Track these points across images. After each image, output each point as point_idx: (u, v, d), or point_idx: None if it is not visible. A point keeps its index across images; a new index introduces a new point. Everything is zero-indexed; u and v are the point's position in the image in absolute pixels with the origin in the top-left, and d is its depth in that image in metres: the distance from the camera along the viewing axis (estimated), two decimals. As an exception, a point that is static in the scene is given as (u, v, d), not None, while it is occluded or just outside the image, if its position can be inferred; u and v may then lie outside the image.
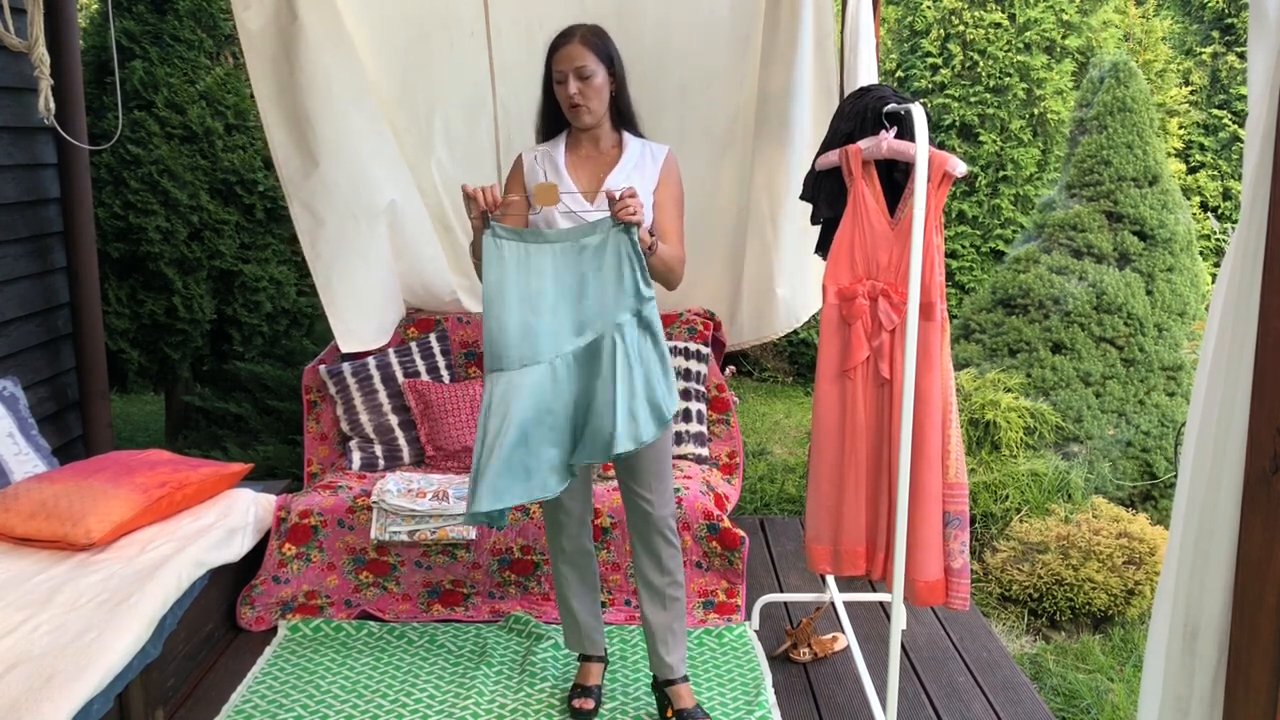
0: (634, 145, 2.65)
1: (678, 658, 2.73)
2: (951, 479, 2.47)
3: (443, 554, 3.34)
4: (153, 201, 4.92)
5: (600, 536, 3.31)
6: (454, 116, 3.96)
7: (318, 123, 3.58)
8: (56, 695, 2.10)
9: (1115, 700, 3.29)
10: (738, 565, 3.32)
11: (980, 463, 4.40)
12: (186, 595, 2.75)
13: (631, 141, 2.65)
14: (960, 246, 7.26)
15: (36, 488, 2.88)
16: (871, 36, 3.37)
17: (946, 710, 2.85)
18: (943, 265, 2.42)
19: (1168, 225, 4.90)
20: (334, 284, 3.74)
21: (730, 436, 3.96)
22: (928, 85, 7.24)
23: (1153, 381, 4.71)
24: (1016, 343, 4.85)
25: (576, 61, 2.50)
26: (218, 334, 5.35)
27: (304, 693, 2.91)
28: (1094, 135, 5.03)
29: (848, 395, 2.62)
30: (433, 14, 3.79)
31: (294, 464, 4.73)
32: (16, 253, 3.69)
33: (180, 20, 5.07)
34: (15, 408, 3.32)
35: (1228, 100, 7.85)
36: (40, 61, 3.27)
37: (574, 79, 2.51)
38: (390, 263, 3.90)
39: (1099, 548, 3.82)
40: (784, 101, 3.75)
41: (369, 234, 3.76)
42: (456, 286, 4.11)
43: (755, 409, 6.62)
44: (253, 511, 3.25)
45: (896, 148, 2.46)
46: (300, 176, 3.64)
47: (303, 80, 3.53)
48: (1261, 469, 1.36)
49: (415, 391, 3.78)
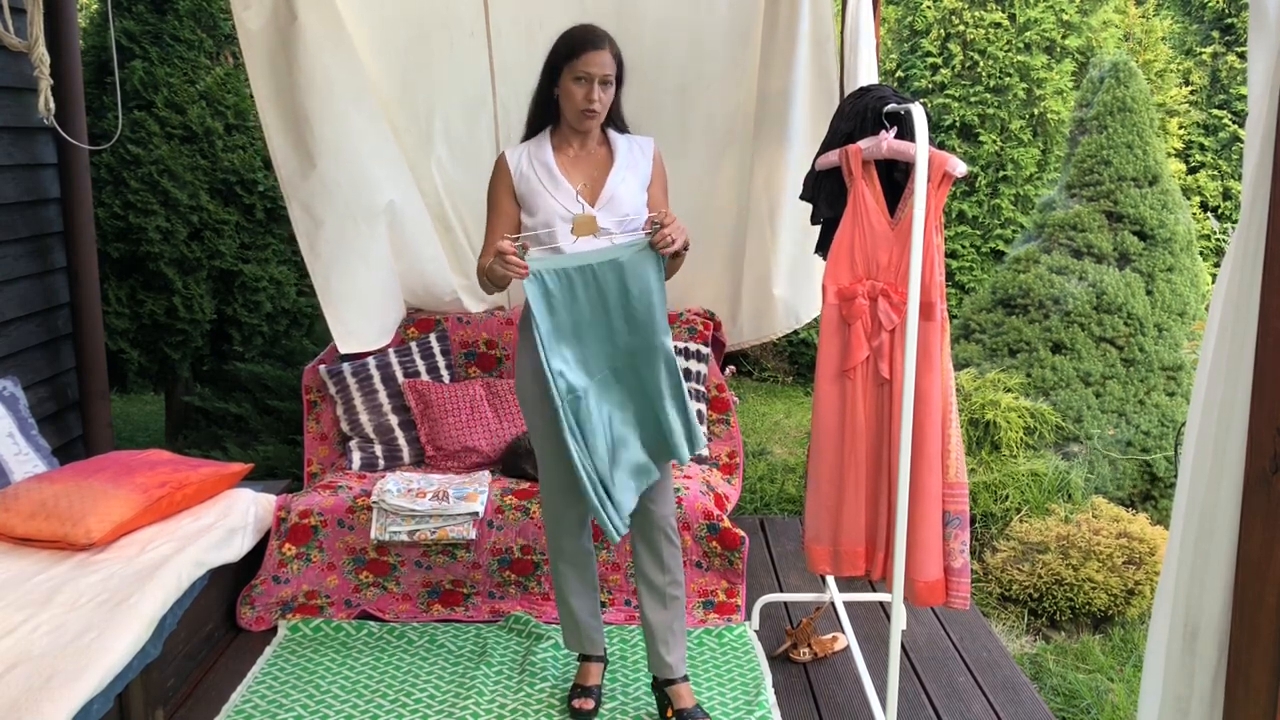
0: (621, 142, 2.63)
1: (678, 657, 2.73)
2: (952, 479, 2.47)
3: (443, 554, 3.34)
4: (153, 201, 4.92)
5: (600, 536, 3.31)
6: (454, 116, 3.96)
7: (316, 123, 3.56)
8: (56, 695, 2.10)
9: (1115, 700, 3.29)
10: (738, 565, 3.32)
11: (980, 463, 4.40)
12: (186, 595, 2.75)
13: (618, 139, 2.64)
14: (960, 246, 7.26)
15: (36, 488, 2.88)
16: (871, 36, 3.37)
17: (946, 710, 2.85)
18: (943, 265, 2.42)
19: (1168, 225, 4.90)
20: (333, 285, 3.72)
21: (730, 436, 3.96)
22: (928, 85, 7.24)
23: (1153, 381, 4.71)
24: (1016, 343, 4.85)
25: (606, 69, 2.49)
26: (218, 334, 5.35)
27: (304, 693, 2.91)
28: (1094, 135, 5.03)
29: (848, 395, 2.62)
30: (433, 14, 3.79)
31: (294, 464, 4.73)
32: (16, 253, 3.69)
33: (180, 20, 5.07)
34: (15, 408, 3.32)
35: (1228, 100, 7.85)
36: (40, 61, 3.27)
37: (599, 85, 2.50)
38: (390, 263, 3.89)
39: (1099, 548, 3.82)
40: (783, 101, 3.74)
41: (368, 235, 3.75)
42: (457, 287, 4.11)
43: (755, 409, 6.62)
44: (253, 511, 3.25)
45: (896, 148, 2.46)
46: (299, 177, 3.62)
47: (301, 81, 3.52)
48: (1261, 469, 1.36)
49: (415, 391, 3.78)
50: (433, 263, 4.03)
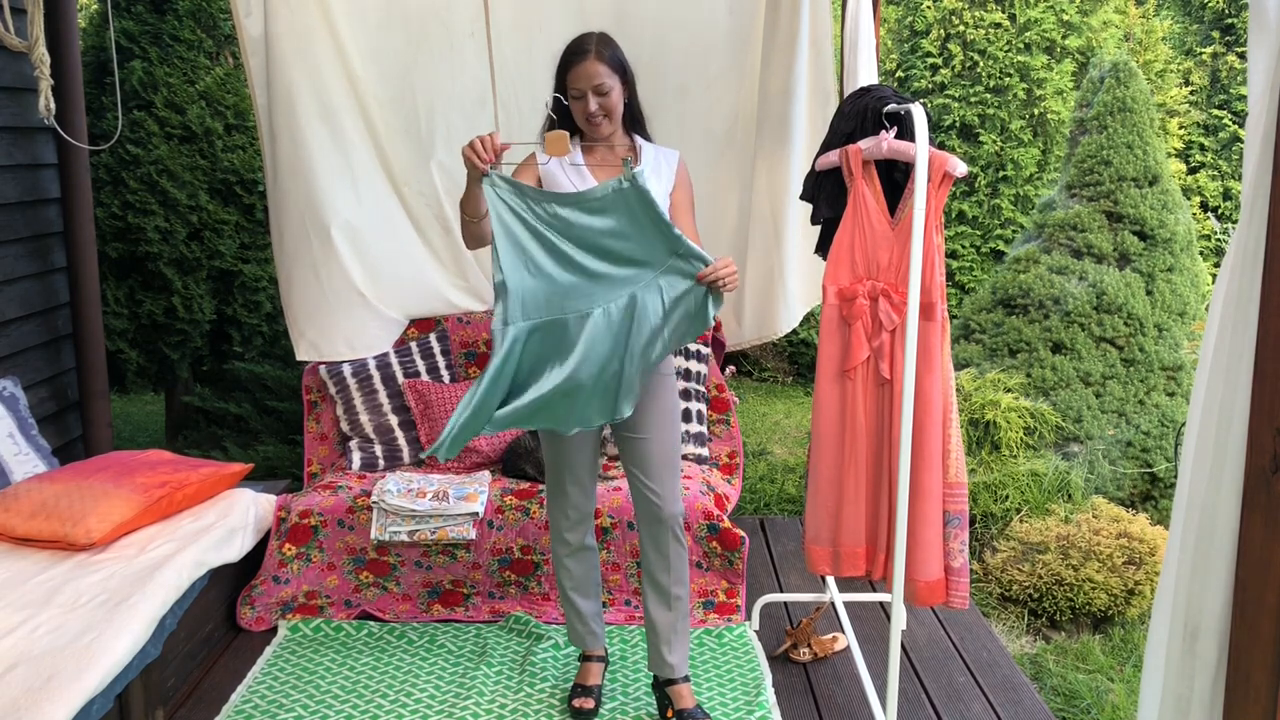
0: (648, 150, 2.66)
1: (679, 658, 2.73)
2: (952, 479, 2.47)
3: (443, 554, 3.34)
4: (152, 202, 4.92)
5: (600, 536, 3.31)
6: (454, 117, 3.96)
7: (281, 136, 3.69)
8: (56, 695, 2.10)
9: (1115, 700, 3.29)
10: (738, 565, 3.32)
11: (980, 463, 4.40)
12: (186, 595, 2.75)
13: (645, 146, 2.66)
14: (960, 246, 7.26)
15: (37, 488, 2.88)
16: (871, 36, 3.37)
17: (946, 710, 2.85)
18: (943, 265, 2.42)
19: (1168, 225, 4.90)
20: (292, 296, 3.87)
21: (730, 436, 3.96)
22: (928, 85, 7.24)
23: (1153, 381, 4.71)
24: (1016, 343, 4.85)
25: (594, 80, 2.49)
26: (217, 334, 5.35)
27: (304, 693, 2.91)
28: (1094, 135, 5.04)
29: (848, 395, 2.62)
30: (432, 15, 3.79)
31: (294, 464, 4.73)
32: (16, 253, 3.69)
33: (180, 20, 5.07)
34: (15, 408, 3.32)
35: (1228, 100, 7.85)
36: (40, 61, 3.27)
37: (593, 96, 2.50)
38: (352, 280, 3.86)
39: (1099, 548, 3.82)
40: (784, 101, 3.75)
41: (321, 250, 3.80)
42: (460, 289, 4.10)
43: (755, 409, 6.62)
44: (253, 511, 3.24)
45: (896, 148, 2.46)
46: (270, 187, 3.81)
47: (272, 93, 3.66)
48: (1261, 469, 1.36)
49: (415, 391, 3.78)
50: (435, 272, 4.04)
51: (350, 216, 3.84)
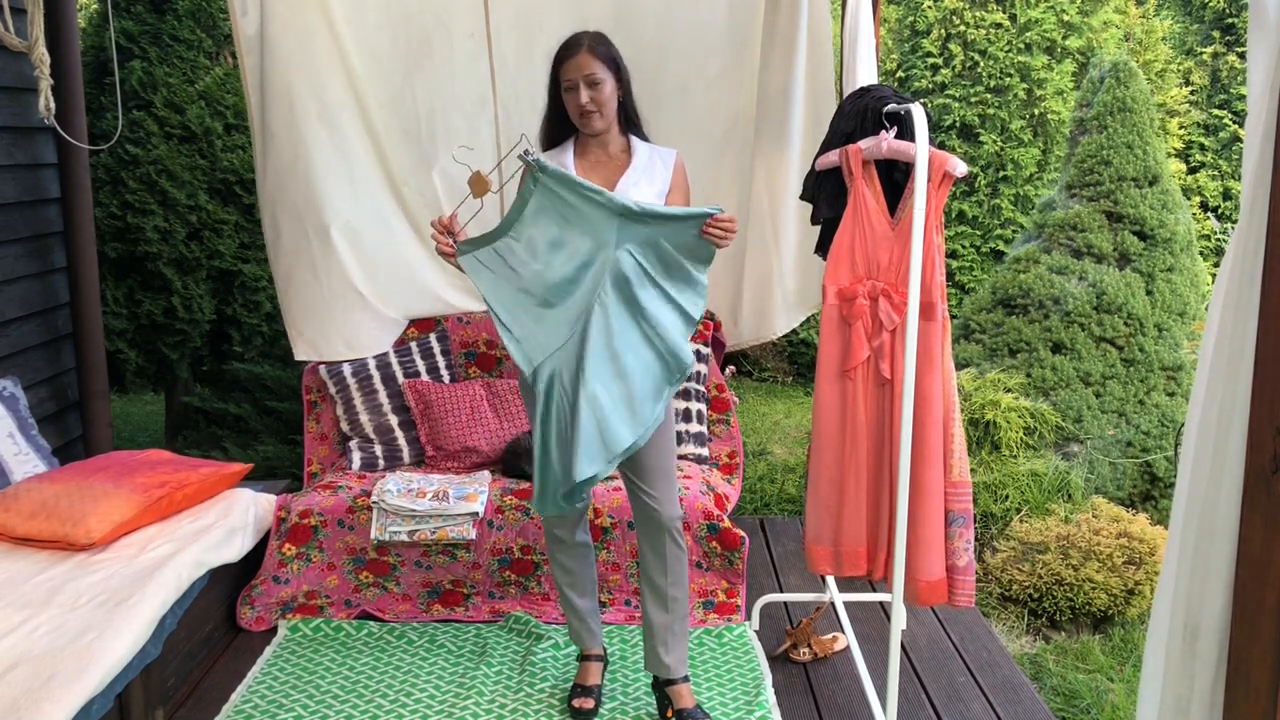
0: (642, 149, 2.67)
1: (676, 658, 2.73)
2: (955, 478, 2.47)
3: (443, 554, 3.34)
4: (151, 201, 4.92)
5: (600, 536, 3.31)
6: (454, 117, 3.96)
7: (279, 134, 3.68)
8: (56, 695, 2.10)
9: (1115, 700, 3.29)
10: (738, 565, 3.32)
11: (980, 463, 4.40)
12: (186, 595, 2.75)
13: (639, 146, 2.68)
14: (960, 246, 7.26)
15: (37, 488, 2.87)
16: (871, 36, 3.37)
17: (946, 710, 2.85)
18: (943, 265, 2.42)
19: (1168, 225, 4.90)
20: (290, 294, 3.87)
21: (730, 436, 3.96)
22: (928, 85, 7.24)
23: (1153, 381, 4.71)
24: (1016, 343, 4.85)
25: (585, 70, 2.53)
26: (217, 334, 5.35)
27: (304, 693, 2.91)
28: (1094, 135, 5.04)
29: (848, 395, 2.62)
30: (432, 15, 3.79)
31: (294, 464, 4.73)
32: (16, 253, 3.69)
33: (179, 20, 5.07)
34: (15, 408, 3.32)
35: (1228, 100, 7.85)
36: (40, 61, 3.27)
37: (584, 87, 2.54)
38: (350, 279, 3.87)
39: (1099, 548, 3.82)
40: (783, 101, 3.74)
41: (320, 249, 3.80)
42: (459, 290, 4.10)
43: (755, 409, 6.62)
44: (253, 511, 3.24)
45: (896, 148, 2.46)
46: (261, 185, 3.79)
47: (268, 92, 3.64)
48: (1261, 469, 1.36)
49: (415, 391, 3.78)
50: (434, 274, 4.04)
51: (350, 216, 3.84)
